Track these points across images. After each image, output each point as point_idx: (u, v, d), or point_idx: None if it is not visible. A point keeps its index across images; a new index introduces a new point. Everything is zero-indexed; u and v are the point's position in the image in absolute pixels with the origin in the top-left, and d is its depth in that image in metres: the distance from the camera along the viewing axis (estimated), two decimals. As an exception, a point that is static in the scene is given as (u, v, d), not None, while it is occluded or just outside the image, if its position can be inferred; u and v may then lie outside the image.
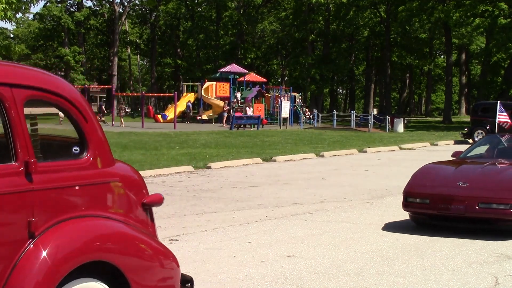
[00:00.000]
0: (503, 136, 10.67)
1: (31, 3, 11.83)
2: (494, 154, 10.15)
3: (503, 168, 9.10)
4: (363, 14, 61.44)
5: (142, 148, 22.43)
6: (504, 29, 40.93)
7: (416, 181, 9.03)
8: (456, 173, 8.96)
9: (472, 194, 8.34)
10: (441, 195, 8.49)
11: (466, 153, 10.59)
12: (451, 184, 8.63)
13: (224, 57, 64.81)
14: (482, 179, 8.70)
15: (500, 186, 8.41)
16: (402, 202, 8.92)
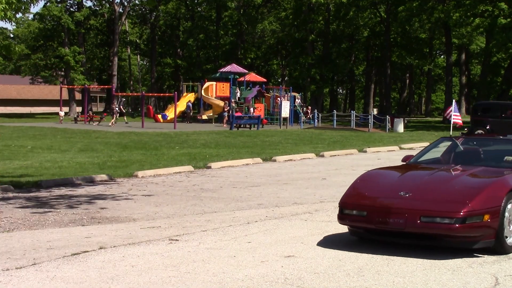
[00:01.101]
0: (458, 139, 9.60)
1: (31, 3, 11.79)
2: (450, 159, 9.09)
3: (453, 176, 8.04)
4: (363, 14, 61.43)
5: (142, 148, 22.44)
6: (504, 29, 40.92)
7: (354, 190, 7.98)
8: (399, 181, 7.89)
9: (414, 205, 7.22)
10: (379, 207, 7.38)
11: (417, 157, 9.39)
12: (391, 194, 7.54)
13: (224, 57, 64.81)
14: (427, 188, 7.59)
15: (446, 196, 7.30)
16: (338, 214, 7.81)
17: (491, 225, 7.07)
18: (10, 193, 12.24)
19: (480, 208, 7.03)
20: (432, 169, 8.37)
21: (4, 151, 20.81)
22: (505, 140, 9.47)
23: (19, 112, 70.99)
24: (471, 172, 8.07)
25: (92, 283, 6.02)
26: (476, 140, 9.74)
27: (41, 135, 28.97)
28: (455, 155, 9.22)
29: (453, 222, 6.95)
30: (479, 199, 7.11)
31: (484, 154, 9.02)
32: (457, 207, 7.03)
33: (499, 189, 7.33)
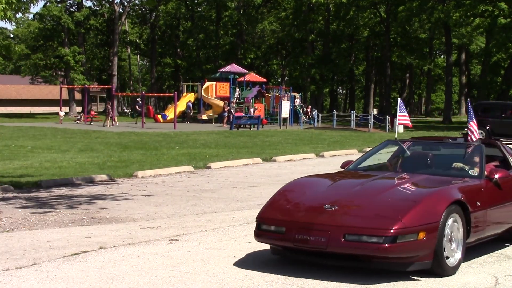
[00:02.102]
0: (404, 142, 8.57)
1: (31, 3, 11.79)
2: (398, 165, 8.06)
3: (388, 186, 6.92)
4: (363, 14, 61.40)
5: (142, 148, 22.44)
6: (504, 29, 40.93)
7: (275, 202, 6.87)
8: (327, 192, 6.84)
9: (338, 221, 6.18)
10: (299, 222, 6.31)
11: (357, 163, 8.33)
12: (315, 207, 6.49)
13: (224, 57, 64.81)
14: (357, 200, 6.56)
15: (377, 210, 6.26)
16: (254, 230, 6.71)
17: (427, 244, 6.08)
18: (10, 193, 12.24)
19: (414, 225, 6.01)
20: (368, 178, 7.35)
21: (4, 151, 20.81)
22: (455, 144, 8.60)
23: (19, 112, 70.99)
24: (412, 182, 7.04)
25: (92, 283, 6.02)
26: (424, 144, 8.63)
27: (41, 135, 28.97)
28: (403, 161, 8.19)
29: (382, 241, 5.90)
30: (413, 213, 6.09)
31: (431, 160, 7.97)
32: (387, 223, 5.99)
33: (438, 202, 6.32)
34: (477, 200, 6.84)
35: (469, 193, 6.81)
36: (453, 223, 6.46)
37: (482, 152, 7.64)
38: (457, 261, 6.52)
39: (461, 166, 7.60)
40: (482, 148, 7.72)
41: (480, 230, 6.90)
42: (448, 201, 6.37)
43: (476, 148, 7.83)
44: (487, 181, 7.22)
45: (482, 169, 7.37)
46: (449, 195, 6.50)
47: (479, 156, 7.61)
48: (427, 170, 7.70)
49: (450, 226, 6.39)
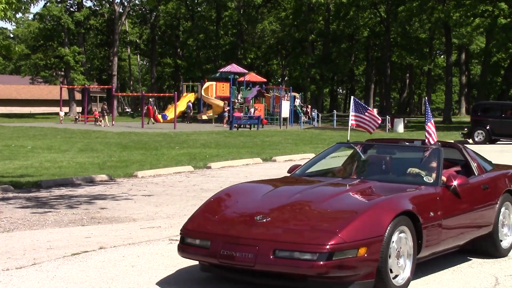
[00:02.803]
0: (357, 145, 7.83)
1: (31, 3, 11.78)
2: (353, 170, 7.32)
3: (330, 194, 6.19)
4: (363, 14, 61.42)
5: (142, 148, 22.44)
6: (504, 29, 40.93)
7: (204, 212, 6.16)
8: (262, 201, 6.12)
9: (268, 235, 5.48)
10: (226, 236, 5.62)
11: (306, 167, 7.52)
12: (245, 219, 5.81)
13: (224, 57, 64.82)
14: (293, 210, 5.87)
15: (313, 222, 5.56)
16: (178, 244, 5.99)
17: (369, 261, 5.37)
18: (10, 193, 12.23)
19: (354, 239, 5.30)
20: (312, 184, 6.64)
21: (4, 151, 20.81)
22: (412, 147, 7.70)
23: (19, 112, 71.00)
24: (359, 189, 6.38)
25: (92, 283, 6.02)
26: (378, 147, 7.75)
27: (41, 135, 28.97)
28: (357, 165, 7.45)
29: (316, 258, 5.19)
30: (353, 226, 5.38)
31: (386, 165, 7.28)
32: (323, 238, 5.29)
33: (383, 213, 5.61)
34: (430, 210, 6.12)
35: (421, 202, 6.09)
36: (401, 236, 5.74)
37: (439, 156, 6.91)
38: (406, 279, 5.80)
39: (416, 172, 6.86)
40: (440, 153, 6.99)
41: (434, 243, 6.17)
42: (395, 211, 5.65)
43: (434, 152, 7.10)
44: (444, 188, 6.50)
45: (438, 175, 6.65)
46: (397, 205, 5.78)
47: (436, 161, 6.88)
48: (380, 176, 6.99)
49: (397, 240, 5.67)
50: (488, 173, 7.51)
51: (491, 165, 7.88)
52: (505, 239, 7.45)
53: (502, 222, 7.37)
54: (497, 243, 7.23)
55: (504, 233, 7.43)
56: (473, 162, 7.39)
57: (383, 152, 7.54)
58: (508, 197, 7.52)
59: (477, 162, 7.47)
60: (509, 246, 7.47)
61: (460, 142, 28.59)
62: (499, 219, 7.28)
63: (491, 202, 7.15)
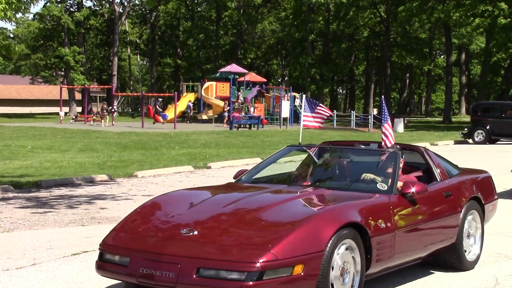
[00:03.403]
0: (310, 148, 7.33)
1: (31, 3, 11.79)
2: (307, 176, 6.72)
3: (270, 203, 5.54)
4: (363, 14, 61.42)
5: (142, 148, 22.43)
6: (504, 29, 40.92)
7: (128, 223, 5.50)
8: (193, 211, 5.50)
9: (192, 251, 4.83)
10: (147, 252, 4.97)
11: (252, 173, 6.90)
12: (170, 232, 5.15)
13: (224, 57, 64.81)
14: (224, 222, 5.22)
15: (245, 236, 4.92)
16: (96, 261, 5.33)
17: (307, 280, 4.76)
18: (10, 193, 12.24)
19: (289, 256, 4.66)
20: (253, 192, 6.00)
21: (4, 151, 20.81)
22: (368, 150, 6.99)
23: (19, 112, 70.99)
24: (304, 198, 5.73)
25: (92, 283, 6.02)
26: (332, 150, 7.15)
27: (41, 135, 28.97)
28: (311, 170, 6.85)
29: (244, 278, 4.57)
30: (288, 241, 4.73)
31: (340, 170, 6.66)
32: (253, 254, 4.65)
33: (324, 225, 4.97)
34: (381, 220, 5.47)
35: (371, 212, 5.47)
36: (346, 251, 5.11)
37: (396, 161, 6.26)
38: None
39: (371, 178, 6.21)
40: (397, 157, 6.34)
41: (386, 257, 5.53)
42: (338, 223, 5.02)
43: (390, 156, 6.43)
44: (400, 196, 5.89)
45: (393, 182, 6.03)
46: (340, 216, 5.14)
47: (392, 166, 6.23)
48: (332, 182, 6.42)
49: (341, 255, 5.05)
50: (453, 178, 6.91)
51: (457, 169, 7.31)
52: (470, 251, 6.80)
53: (467, 232, 6.74)
54: (462, 255, 6.58)
55: (469, 244, 6.79)
56: (435, 166, 6.78)
57: (337, 156, 6.90)
58: (474, 205, 6.90)
59: (441, 167, 6.85)
60: (475, 258, 6.83)
61: (460, 142, 28.68)
62: (464, 228, 6.64)
63: (454, 211, 6.50)
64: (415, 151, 7.04)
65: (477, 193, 6.99)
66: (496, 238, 8.28)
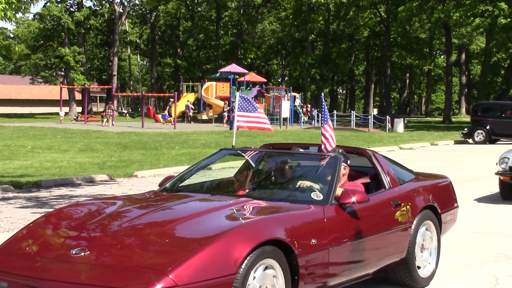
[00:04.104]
0: (246, 151, 6.27)
1: (31, 3, 11.79)
2: (246, 182, 6.02)
3: (181, 217, 4.74)
4: (363, 14, 61.45)
5: (142, 148, 22.43)
6: (504, 29, 40.93)
7: (15, 242, 4.71)
8: (89, 228, 4.69)
9: (77, 275, 4.08)
10: (27, 277, 4.19)
11: (178, 179, 6.03)
12: (59, 253, 4.37)
13: (224, 57, 64.84)
14: (123, 240, 4.40)
15: (143, 256, 4.16)
16: None
17: None
18: (10, 193, 12.24)
19: (192, 281, 3.93)
20: (170, 202, 5.20)
21: (4, 151, 20.81)
22: (307, 155, 6.15)
23: (19, 112, 71.00)
24: (225, 210, 4.87)
25: None
26: (268, 155, 6.29)
27: (41, 135, 28.97)
28: (246, 177, 6.11)
29: None
30: (192, 263, 4.00)
31: (276, 176, 5.90)
32: (148, 279, 3.90)
33: (237, 244, 4.20)
34: (312, 236, 4.74)
35: (299, 226, 4.74)
36: (267, 273, 4.37)
37: (336, 167, 5.53)
38: None
39: (307, 186, 5.44)
40: (337, 162, 5.59)
41: (318, 278, 4.81)
42: (256, 241, 4.26)
43: (330, 161, 5.67)
44: (337, 207, 5.15)
45: (331, 191, 5.27)
46: (259, 233, 4.37)
47: (331, 172, 5.49)
48: (263, 191, 5.67)
49: (259, 278, 4.31)
50: (404, 185, 6.17)
51: (412, 175, 6.61)
52: (424, 266, 6.12)
53: (420, 246, 6.05)
54: (413, 271, 5.91)
55: (423, 259, 6.08)
56: (384, 172, 6.03)
57: (273, 162, 6.12)
58: (429, 215, 6.19)
59: (390, 173, 6.09)
60: (430, 274, 6.16)
61: (460, 142, 28.69)
62: (416, 242, 5.95)
63: (404, 222, 5.80)
64: (362, 155, 6.25)
65: (433, 202, 6.28)
66: (496, 238, 8.27)
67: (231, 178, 6.36)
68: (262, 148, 6.76)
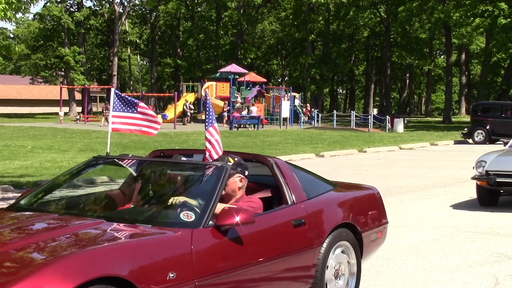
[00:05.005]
0: (123, 160, 5.35)
1: (31, 3, 11.79)
2: (133, 196, 5.01)
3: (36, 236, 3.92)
4: (363, 14, 61.47)
5: (142, 148, 22.43)
6: (504, 29, 40.93)
7: None
8: None
9: None
10: None
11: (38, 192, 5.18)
12: None
13: (224, 57, 64.84)
14: None
15: None
16: None
17: None
18: (10, 193, 12.23)
19: None
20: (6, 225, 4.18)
21: (4, 151, 20.81)
22: (188, 164, 5.06)
23: (19, 112, 71.01)
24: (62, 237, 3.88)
25: (92, 283, 5.99)
26: (146, 163, 5.37)
27: (41, 135, 28.97)
28: (142, 188, 5.02)
29: None
30: None
31: (152, 190, 4.94)
32: None
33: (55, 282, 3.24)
34: (170, 269, 3.78)
35: (150, 257, 3.73)
36: None
37: (219, 179, 4.49)
38: None
39: (180, 202, 4.40)
40: (222, 173, 4.55)
41: None
42: (76, 280, 3.29)
43: (214, 172, 4.62)
44: (214, 231, 4.14)
45: (206, 210, 4.23)
46: (84, 269, 3.38)
47: (212, 186, 4.45)
48: (131, 210, 4.70)
49: None
50: (313, 200, 5.14)
51: (330, 185, 5.66)
52: None
53: (334, 272, 5.12)
54: None
55: (338, 287, 5.18)
56: (287, 184, 5.00)
57: (150, 172, 5.16)
58: (345, 235, 5.21)
59: (295, 185, 5.04)
60: None
61: (460, 142, 28.69)
62: (328, 266, 5.02)
63: (309, 245, 4.84)
64: (262, 163, 5.18)
65: (350, 219, 5.32)
66: (496, 238, 8.28)
67: (115, 191, 5.28)
68: (151, 155, 5.84)
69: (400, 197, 11.87)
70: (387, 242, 7.95)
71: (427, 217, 9.79)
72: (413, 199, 11.59)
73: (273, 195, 5.14)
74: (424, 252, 7.42)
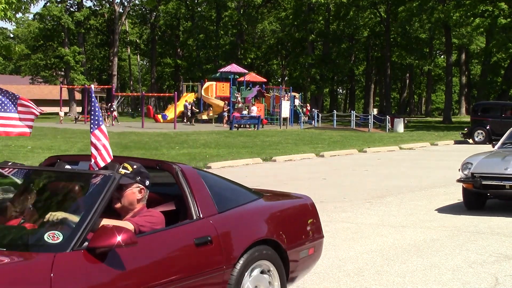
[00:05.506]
0: (4, 168, 5.08)
1: (31, 3, 11.82)
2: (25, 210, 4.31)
3: None
4: (363, 14, 61.49)
5: (142, 148, 22.43)
6: (504, 29, 40.93)
7: None
8: None
9: None
10: None
11: None
12: None
13: (224, 57, 64.85)
14: None
15: None
16: None
17: None
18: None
19: None
20: None
21: (4, 151, 20.80)
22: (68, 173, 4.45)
23: (19, 112, 70.85)
24: None
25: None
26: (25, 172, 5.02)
27: (41, 135, 28.97)
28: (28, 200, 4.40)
29: None
30: None
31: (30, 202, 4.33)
32: None
33: None
34: None
35: None
36: None
37: (102, 191, 3.79)
38: None
39: (58, 219, 3.67)
40: (108, 184, 3.85)
41: None
42: None
43: (98, 183, 3.92)
44: (87, 254, 3.45)
45: (79, 228, 3.54)
46: None
47: (91, 200, 3.76)
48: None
49: None
50: (226, 213, 4.44)
51: (254, 195, 4.94)
52: None
53: None
54: None
55: None
56: (193, 196, 4.32)
57: (32, 183, 4.69)
58: (266, 253, 4.50)
59: (204, 196, 4.37)
60: None
61: (460, 142, 28.69)
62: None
63: (216, 267, 4.13)
64: (166, 171, 4.49)
65: (273, 235, 4.62)
66: (496, 238, 8.27)
67: (6, 204, 4.62)
68: (47, 161, 5.04)
69: (400, 197, 11.87)
70: (386, 241, 7.95)
71: (427, 217, 9.78)
72: (413, 199, 11.58)
73: (179, 208, 4.43)
74: (424, 252, 7.41)
